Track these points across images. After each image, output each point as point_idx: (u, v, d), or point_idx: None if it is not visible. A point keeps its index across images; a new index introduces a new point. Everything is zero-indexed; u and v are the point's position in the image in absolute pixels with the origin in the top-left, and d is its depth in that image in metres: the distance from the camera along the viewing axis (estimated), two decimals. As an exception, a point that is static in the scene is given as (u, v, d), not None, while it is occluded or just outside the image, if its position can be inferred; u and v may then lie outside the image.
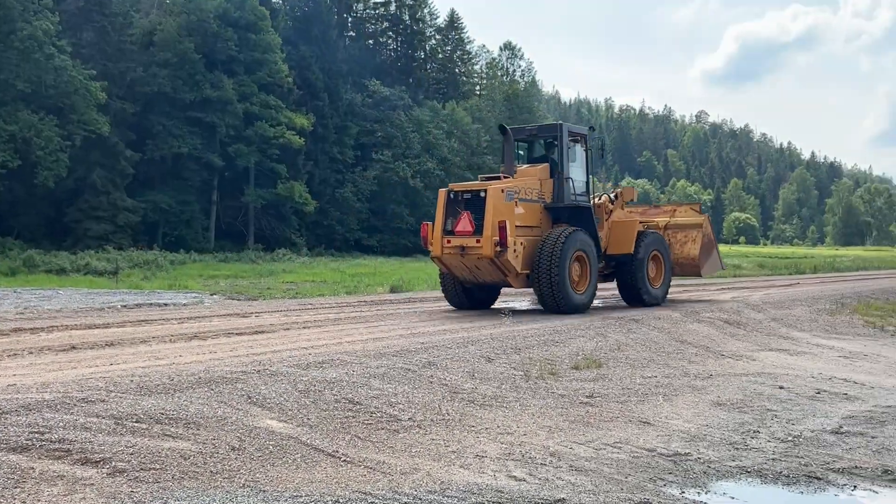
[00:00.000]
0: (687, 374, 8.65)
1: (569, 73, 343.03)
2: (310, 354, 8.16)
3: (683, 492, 4.86)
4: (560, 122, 14.30)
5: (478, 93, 72.08)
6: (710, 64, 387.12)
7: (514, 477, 5.08)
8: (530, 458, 5.51)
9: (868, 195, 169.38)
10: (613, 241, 14.71)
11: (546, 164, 13.89)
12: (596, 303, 14.85)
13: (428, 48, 69.20)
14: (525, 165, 14.16)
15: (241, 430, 5.66)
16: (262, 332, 10.39)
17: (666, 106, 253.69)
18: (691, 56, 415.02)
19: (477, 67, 74.60)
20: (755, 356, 10.14)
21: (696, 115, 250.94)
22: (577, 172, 14.19)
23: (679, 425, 6.43)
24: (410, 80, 65.36)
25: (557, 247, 12.76)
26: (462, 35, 70.62)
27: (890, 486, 4.98)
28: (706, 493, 4.86)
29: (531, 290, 13.56)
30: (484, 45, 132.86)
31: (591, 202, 14.32)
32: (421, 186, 54.97)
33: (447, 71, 69.95)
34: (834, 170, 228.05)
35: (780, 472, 5.22)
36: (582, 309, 13.34)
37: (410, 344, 9.10)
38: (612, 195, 15.92)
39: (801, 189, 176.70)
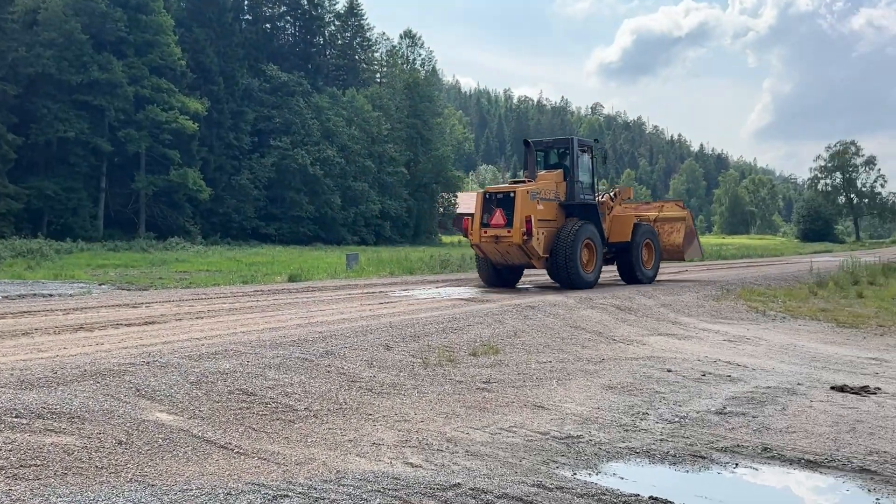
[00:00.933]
0: (580, 359, 8.86)
1: (469, 64, 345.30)
2: (202, 345, 7.95)
3: (575, 473, 4.98)
4: (571, 136, 17.72)
5: (378, 80, 71.66)
6: (605, 57, 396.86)
7: (411, 464, 5.09)
8: (427, 444, 5.53)
9: (752, 186, 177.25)
10: (614, 231, 18.18)
11: (560, 170, 17.28)
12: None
13: (327, 34, 68.28)
14: (543, 171, 17.64)
15: (128, 424, 5.47)
16: (153, 322, 10.07)
17: (563, 97, 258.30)
18: (588, 49, 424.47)
19: (377, 55, 74.14)
20: (645, 341, 10.47)
21: (591, 107, 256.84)
22: (584, 176, 17.62)
23: (572, 409, 6.58)
24: (309, 66, 64.38)
25: (570, 236, 16.23)
26: (362, 22, 69.98)
27: (769, 464, 5.23)
28: (597, 474, 4.99)
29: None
30: (384, 33, 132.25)
31: (596, 200, 17.75)
32: (321, 174, 54.32)
33: (347, 58, 69.23)
34: (721, 161, 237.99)
35: (667, 452, 5.41)
36: (590, 285, 16.74)
37: (308, 333, 8.99)
38: (612, 194, 19.38)
39: (691, 180, 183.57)
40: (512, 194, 16.24)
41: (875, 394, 7.10)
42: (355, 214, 57.73)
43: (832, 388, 7.37)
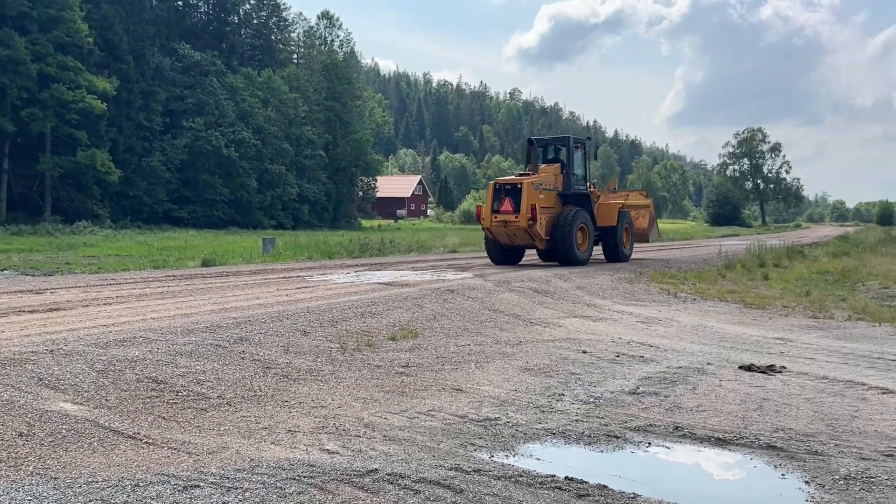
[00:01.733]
0: (498, 342, 8.91)
1: (388, 47, 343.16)
2: (110, 332, 7.66)
3: (492, 455, 4.99)
4: (568, 135, 20.78)
5: (295, 62, 70.47)
6: (524, 42, 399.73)
7: (327, 450, 5.01)
8: (344, 430, 5.46)
9: (665, 172, 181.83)
10: (601, 216, 21.01)
11: (558, 164, 20.25)
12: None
13: (242, 13, 66.68)
14: (543, 165, 20.55)
15: (30, 415, 5.22)
16: (58, 309, 9.66)
17: (482, 82, 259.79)
18: (507, 34, 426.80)
19: (294, 35, 72.85)
20: (561, 323, 10.60)
21: (510, 93, 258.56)
22: (579, 169, 20.64)
23: (490, 391, 6.60)
24: (223, 46, 62.78)
25: (567, 221, 19.16)
26: (278, 1, 68.61)
27: (680, 442, 5.35)
28: (514, 456, 5.01)
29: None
30: (301, 13, 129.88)
31: (588, 190, 20.70)
32: (236, 156, 53.19)
33: (263, 38, 67.80)
34: (635, 147, 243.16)
35: (583, 433, 5.48)
36: (583, 262, 19.68)
37: (222, 319, 8.77)
38: (593, 182, 22.42)
39: (605, 165, 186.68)
40: (519, 185, 19.21)
41: (780, 372, 7.35)
42: (272, 198, 56.81)
43: (740, 367, 7.60)
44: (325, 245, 26.21)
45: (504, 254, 20.27)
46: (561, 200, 19.98)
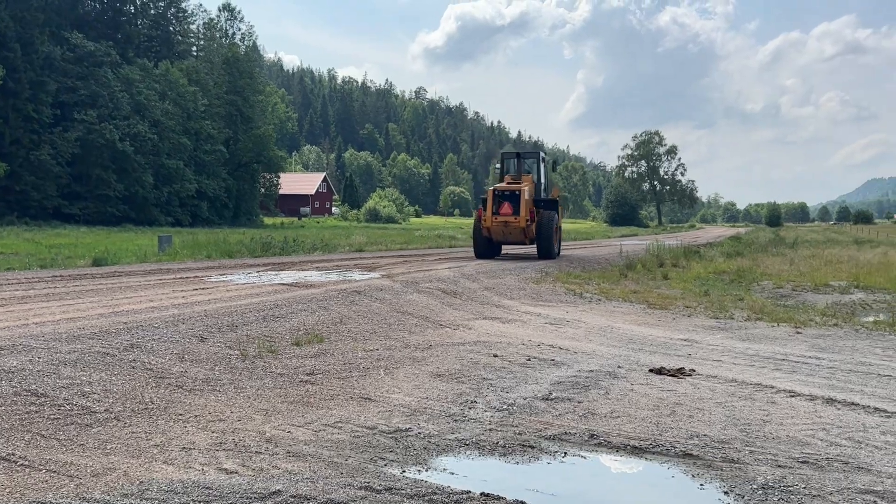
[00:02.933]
0: (408, 346, 8.65)
1: (292, 41, 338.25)
2: (-16, 340, 7.02)
3: (404, 471, 4.71)
4: (538, 150, 25.48)
5: (195, 54, 68.42)
6: (430, 41, 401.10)
7: (225, 469, 4.63)
8: (244, 446, 5.08)
9: (566, 172, 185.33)
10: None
11: (530, 174, 24.60)
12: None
13: (138, 3, 64.24)
14: (508, 175, 24.83)
15: None
16: (-73, 314, 8.87)
17: (387, 80, 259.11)
18: (413, 32, 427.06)
19: (193, 27, 70.73)
20: (471, 325, 10.43)
21: (415, 91, 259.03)
22: (545, 179, 25.43)
23: (400, 399, 6.32)
24: (119, 36, 60.31)
25: (550, 222, 23.59)
26: (177, -9, 66.45)
27: (596, 451, 5.20)
28: (427, 471, 4.75)
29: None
30: (201, 5, 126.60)
31: (553, 197, 25.29)
32: (131, 150, 51.17)
33: (160, 28, 65.50)
34: (538, 148, 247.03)
35: (497, 443, 5.26)
36: (557, 256, 24.80)
37: (111, 324, 8.20)
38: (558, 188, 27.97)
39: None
40: (518, 192, 23.11)
41: (690, 375, 7.34)
42: (169, 194, 54.99)
43: (651, 370, 7.57)
44: (225, 243, 25.44)
45: (489, 249, 24.14)
46: (535, 206, 23.68)
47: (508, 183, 24.14)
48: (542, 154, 25.28)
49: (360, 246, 29.25)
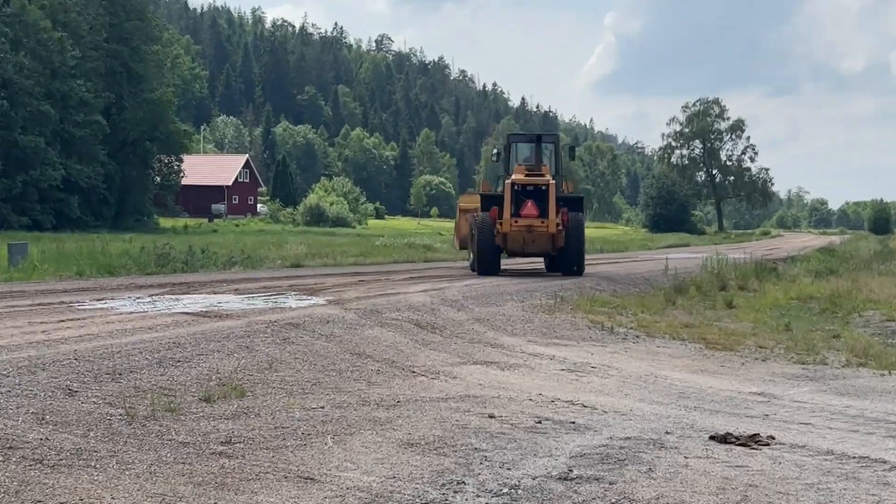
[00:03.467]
0: (366, 402, 8.63)
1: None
2: None
3: (363, 584, 4.67)
4: (555, 132, 30.40)
5: (63, -15, 68.29)
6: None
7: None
8: (132, 547, 5.02)
9: (589, 156, 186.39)
10: None
11: (546, 165, 26.46)
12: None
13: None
14: (519, 164, 26.55)
15: None
16: None
17: (337, 25, 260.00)
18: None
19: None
20: (456, 372, 10.43)
21: (376, 41, 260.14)
22: (562, 171, 27.60)
23: (356, 479, 6.29)
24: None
25: (580, 226, 25.21)
26: None
27: (637, 553, 5.18)
28: (396, 583, 4.71)
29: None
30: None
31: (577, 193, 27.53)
32: (-33, 123, 50.92)
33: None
34: (549, 122, 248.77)
35: (496, 542, 5.24)
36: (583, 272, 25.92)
37: (-60, 370, 8.12)
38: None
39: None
40: (544, 187, 24.54)
41: (768, 445, 7.35)
42: (24, 184, 54.77)
43: (711, 437, 7.57)
44: (105, 255, 25.34)
45: (496, 262, 25.47)
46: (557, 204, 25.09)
47: (528, 174, 25.40)
48: (558, 136, 27.69)
49: (298, 259, 29.22)
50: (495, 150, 28.12)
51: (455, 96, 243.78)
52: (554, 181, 25.18)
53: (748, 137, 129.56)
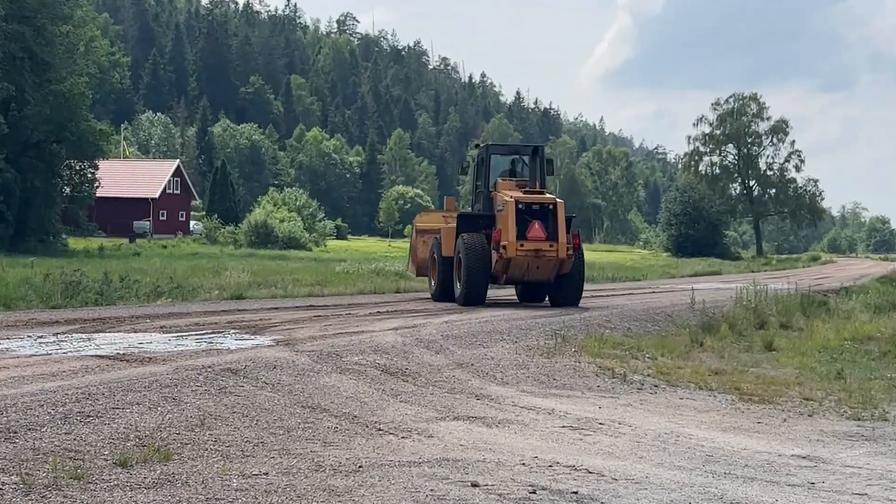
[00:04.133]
0: (321, 467, 8.61)
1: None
2: None
3: None
4: (540, 143, 28.40)
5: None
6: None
7: None
8: None
9: (598, 164, 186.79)
10: None
11: (527, 179, 28.17)
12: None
13: None
14: (504, 180, 27.75)
15: None
16: None
17: (290, 2, 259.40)
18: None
19: None
20: (432, 429, 10.41)
21: (338, 21, 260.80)
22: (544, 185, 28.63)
23: (306, 564, 6.28)
24: None
25: (581, 253, 27.19)
26: None
27: None
28: None
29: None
30: None
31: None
32: None
33: None
34: (549, 122, 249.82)
35: None
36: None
37: None
38: None
39: (501, 140, 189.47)
40: (551, 206, 26.00)
41: (814, 521, 7.35)
42: None
43: (745, 511, 7.57)
44: (0, 284, 25.23)
45: (485, 291, 27.05)
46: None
47: (527, 192, 26.87)
48: (543, 148, 29.74)
49: (240, 289, 29.12)
50: (465, 162, 29.92)
51: (435, 90, 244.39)
52: (559, 200, 26.67)
53: (793, 142, 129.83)
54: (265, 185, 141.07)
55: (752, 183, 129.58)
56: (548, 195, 27.14)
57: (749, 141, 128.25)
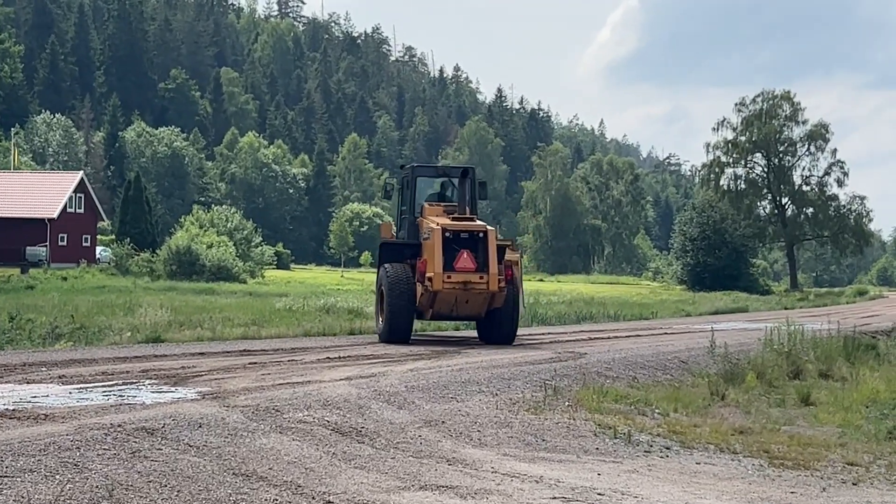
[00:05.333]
0: (256, 551, 8.61)
1: None
2: None
3: None
4: (471, 166, 29.55)
5: None
6: None
7: None
8: None
9: (599, 176, 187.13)
10: None
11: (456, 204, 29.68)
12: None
13: None
14: (430, 204, 30.23)
15: None
16: None
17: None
18: None
19: None
20: (394, 501, 10.41)
21: (279, 3, 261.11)
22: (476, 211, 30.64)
23: None
24: None
25: (516, 283, 29.09)
26: None
27: None
28: None
29: None
30: None
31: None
32: None
33: None
34: (539, 126, 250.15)
35: None
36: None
37: None
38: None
39: (480, 157, 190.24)
40: (481, 234, 27.91)
41: None
42: None
43: None
44: None
45: (410, 326, 29.06)
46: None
47: (455, 218, 28.73)
48: (474, 171, 31.39)
49: (158, 330, 29.03)
50: (388, 185, 32.56)
51: (398, 86, 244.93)
52: (490, 228, 28.71)
53: (834, 150, 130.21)
54: (189, 203, 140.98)
55: (784, 200, 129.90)
56: (479, 222, 29.03)
57: (781, 149, 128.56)
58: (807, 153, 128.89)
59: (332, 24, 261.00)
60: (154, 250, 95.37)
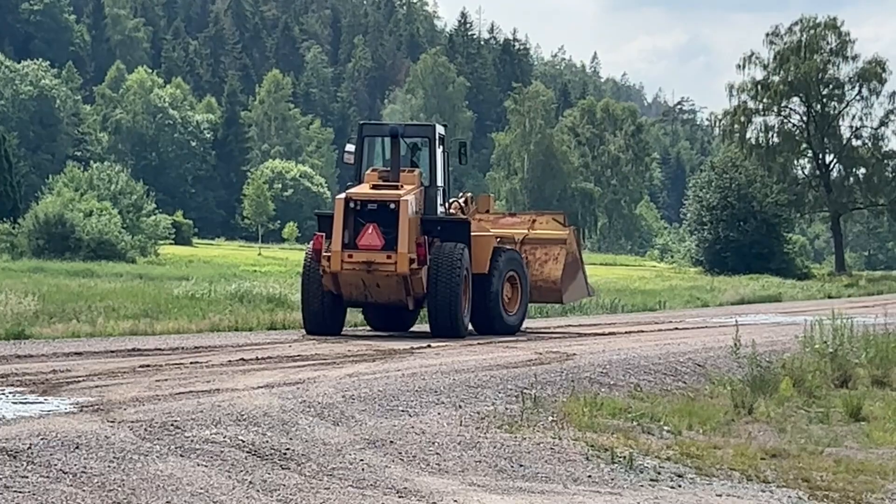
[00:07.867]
0: None
1: None
2: None
3: None
4: (433, 123, 28.93)
5: None
6: None
7: None
8: None
9: (591, 127, 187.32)
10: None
11: (417, 170, 31.38)
12: None
13: None
14: (379, 167, 31.88)
15: None
16: None
17: None
18: None
19: None
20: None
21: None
22: (442, 180, 32.08)
23: None
24: None
25: (455, 266, 29.36)
26: None
27: None
28: None
29: None
30: None
31: (464, 214, 32.37)
32: None
33: None
34: (514, 62, 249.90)
35: None
36: (465, 334, 30.62)
37: None
38: (461, 201, 34.70)
39: (436, 101, 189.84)
40: (392, 204, 29.04)
41: None
42: None
43: None
44: None
45: (332, 315, 30.52)
46: (422, 229, 30.30)
47: (374, 185, 30.75)
48: (439, 131, 32.69)
49: (20, 324, 28.98)
50: (350, 148, 32.53)
51: (332, 8, 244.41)
52: (412, 194, 29.98)
53: (892, 94, 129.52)
54: (61, 160, 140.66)
55: (829, 158, 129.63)
56: (396, 190, 29.97)
57: (824, 93, 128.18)
58: (857, 98, 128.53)
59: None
60: (15, 220, 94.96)
